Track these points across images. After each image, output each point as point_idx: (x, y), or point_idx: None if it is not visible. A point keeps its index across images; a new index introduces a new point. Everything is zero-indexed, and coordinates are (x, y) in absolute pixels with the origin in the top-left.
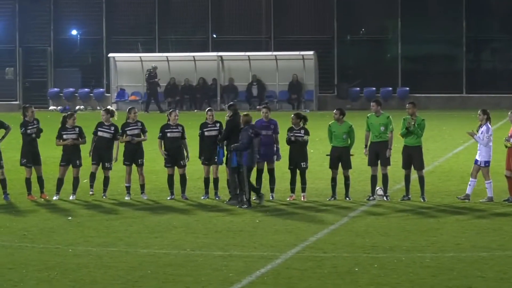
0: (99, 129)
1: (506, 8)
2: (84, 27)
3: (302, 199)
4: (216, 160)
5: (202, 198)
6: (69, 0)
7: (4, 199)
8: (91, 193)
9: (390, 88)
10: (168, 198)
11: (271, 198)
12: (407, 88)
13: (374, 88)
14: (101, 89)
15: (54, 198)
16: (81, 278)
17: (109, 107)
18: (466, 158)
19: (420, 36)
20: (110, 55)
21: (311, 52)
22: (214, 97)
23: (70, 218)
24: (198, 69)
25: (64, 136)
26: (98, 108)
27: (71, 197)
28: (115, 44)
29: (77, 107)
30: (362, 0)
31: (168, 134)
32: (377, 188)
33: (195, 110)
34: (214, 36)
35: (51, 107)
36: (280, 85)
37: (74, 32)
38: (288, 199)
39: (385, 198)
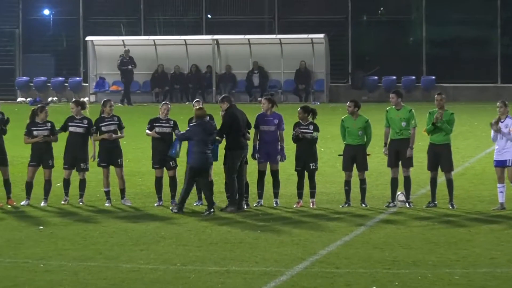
0: (69, 124)
1: None
2: (58, 6)
3: (311, 206)
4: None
5: (194, 204)
6: None
7: None
8: (63, 202)
9: (413, 77)
10: (156, 204)
11: (275, 205)
12: (433, 77)
13: (394, 77)
14: (78, 78)
15: (23, 203)
16: None
17: (86, 99)
18: None
19: (448, 16)
20: (88, 38)
21: (322, 35)
22: (208, 87)
23: (41, 227)
24: (190, 54)
25: (35, 133)
26: (74, 100)
27: (42, 203)
28: (93, 25)
29: (50, 99)
30: None
31: (157, 129)
32: (398, 193)
33: (187, 103)
34: (209, 16)
35: (20, 99)
36: (286, 74)
37: (46, 12)
38: (294, 205)
39: (407, 204)
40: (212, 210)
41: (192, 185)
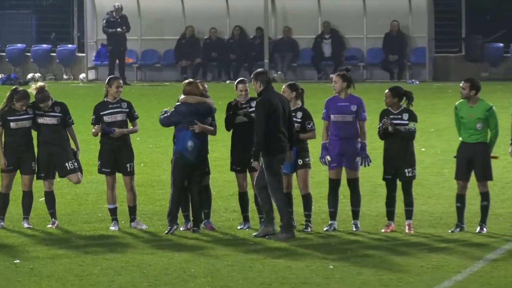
0: (37, 112)
1: None
2: None
3: (406, 231)
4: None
5: (238, 228)
6: None
7: None
8: (50, 225)
9: None
10: (182, 228)
11: (354, 229)
12: None
13: None
14: (70, 46)
15: None
16: None
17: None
18: None
19: None
20: None
21: None
22: (259, 59)
23: (17, 261)
24: (232, 12)
25: (12, 124)
26: (64, 76)
27: (25, 225)
28: None
29: (30, 76)
30: None
31: None
32: None
33: (228, 81)
34: None
35: None
36: (370, 40)
37: None
38: (383, 230)
39: None
40: (196, 228)
41: (181, 186)
